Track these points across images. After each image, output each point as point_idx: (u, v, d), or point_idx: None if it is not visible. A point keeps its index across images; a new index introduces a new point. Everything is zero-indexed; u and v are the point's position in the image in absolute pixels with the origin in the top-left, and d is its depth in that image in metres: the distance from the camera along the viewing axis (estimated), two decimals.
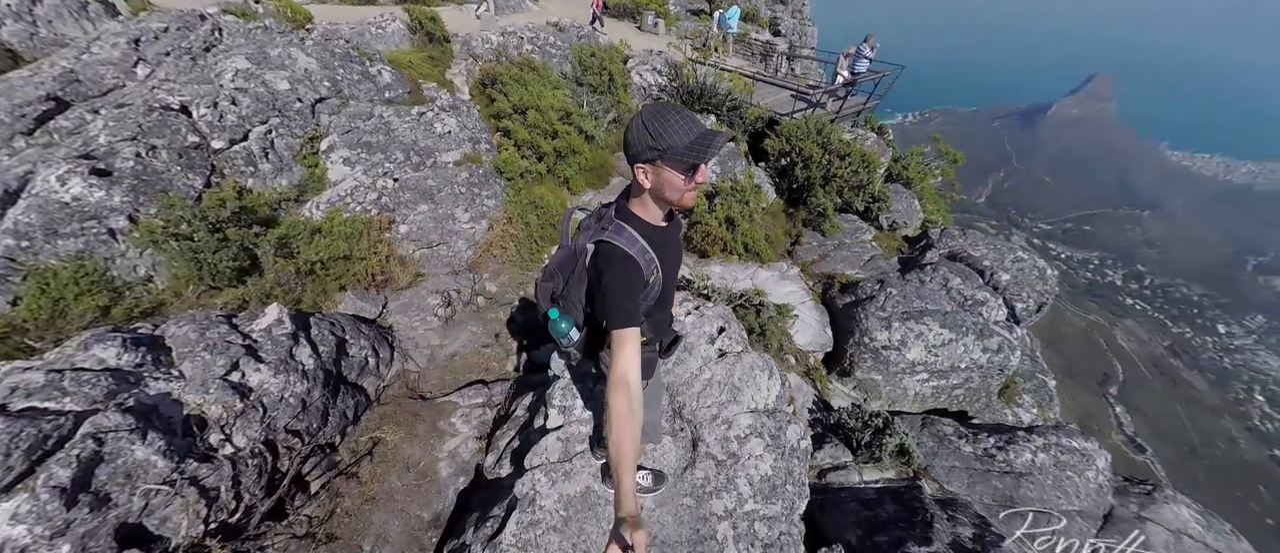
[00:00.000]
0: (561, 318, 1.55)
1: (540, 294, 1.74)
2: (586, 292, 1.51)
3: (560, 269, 1.61)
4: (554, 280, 1.65)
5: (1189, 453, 48.70)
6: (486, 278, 5.29)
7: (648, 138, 1.19)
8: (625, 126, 1.30)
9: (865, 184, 7.90)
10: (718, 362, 2.41)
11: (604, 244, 1.32)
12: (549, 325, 1.57)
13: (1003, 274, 6.89)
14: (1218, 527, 4.53)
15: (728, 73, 10.31)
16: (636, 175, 1.28)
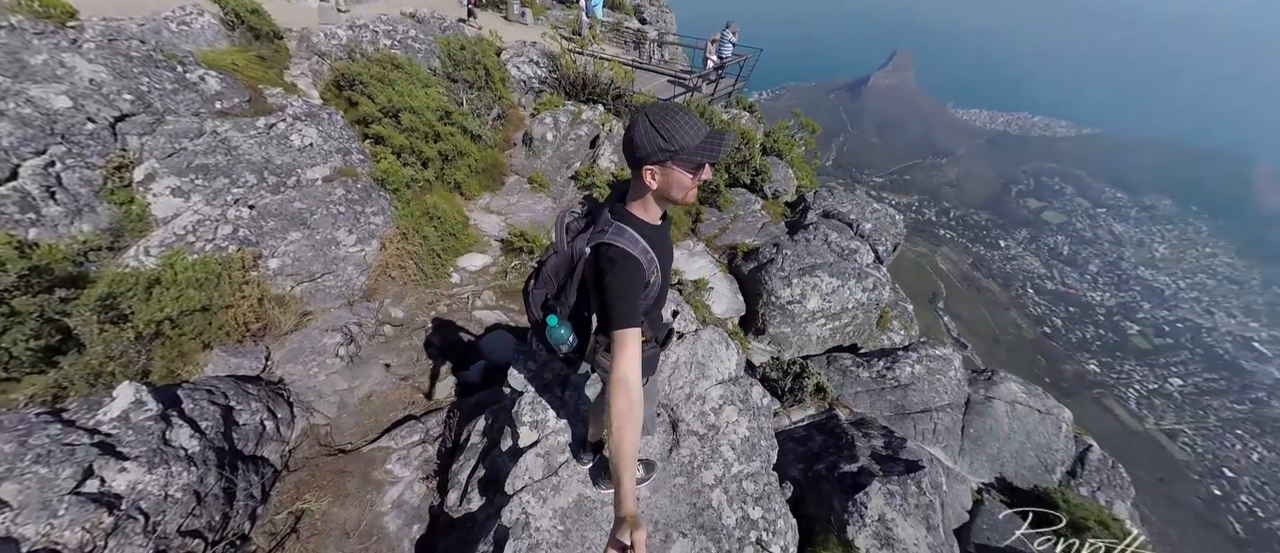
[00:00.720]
0: (560, 324, 1.51)
1: (531, 302, 1.66)
2: (581, 295, 1.48)
3: (555, 274, 1.55)
4: (547, 286, 1.59)
5: (993, 342, 62.62)
6: (389, 303, 4.75)
7: (659, 139, 1.19)
8: (627, 130, 1.27)
9: (748, 159, 8.62)
10: (679, 343, 2.50)
11: (605, 246, 1.30)
12: (547, 333, 1.53)
13: (866, 224, 8.07)
14: (1032, 391, 5.95)
15: (607, 61, 10.37)
16: (643, 177, 1.28)
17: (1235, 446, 54.96)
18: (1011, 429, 5.46)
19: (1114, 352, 65.39)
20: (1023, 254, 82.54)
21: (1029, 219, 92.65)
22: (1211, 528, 44.48)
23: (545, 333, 1.53)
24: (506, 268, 5.84)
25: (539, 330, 1.64)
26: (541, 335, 1.63)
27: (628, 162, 1.29)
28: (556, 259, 1.55)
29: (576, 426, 2.20)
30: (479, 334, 4.71)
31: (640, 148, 1.22)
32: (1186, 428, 56.42)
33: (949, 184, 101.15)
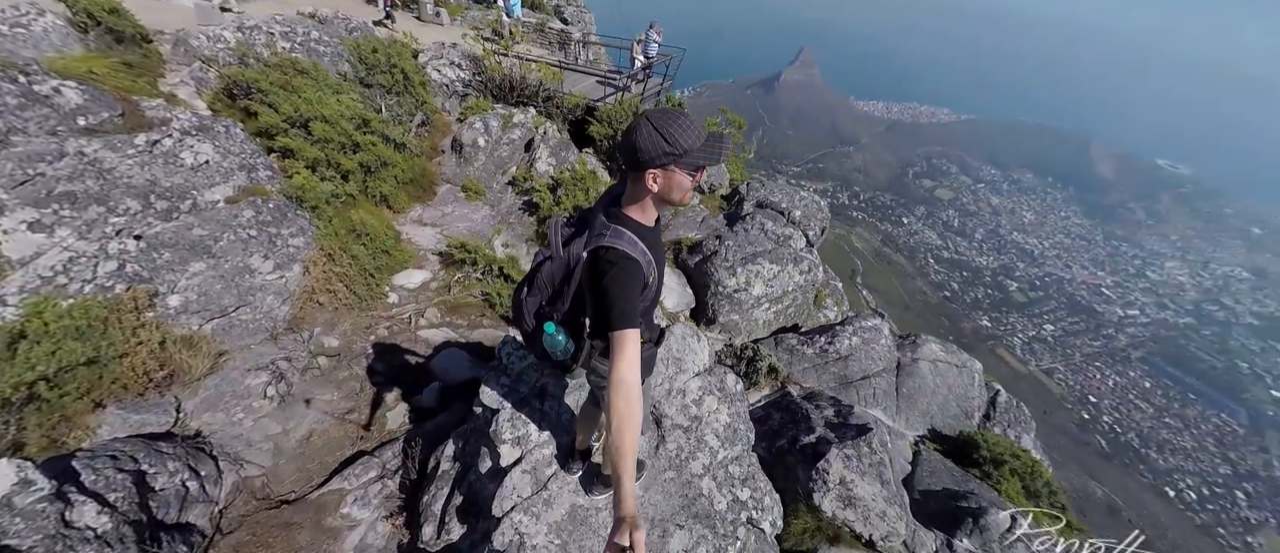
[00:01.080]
0: (558, 330, 1.47)
1: (523, 310, 1.60)
2: (576, 300, 1.46)
3: (550, 281, 1.51)
4: (540, 293, 1.54)
5: (905, 308, 69.30)
6: (321, 332, 4.33)
7: (663, 143, 1.21)
8: (628, 135, 1.26)
9: None
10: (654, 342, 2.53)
11: (604, 249, 1.30)
12: (544, 339, 1.49)
13: (796, 211, 8.61)
14: (949, 348, 6.68)
15: (534, 63, 10.14)
16: (645, 180, 1.28)
17: (1095, 376, 65.43)
18: (936, 385, 6.11)
19: (1000, 307, 75.12)
20: (922, 229, 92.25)
21: (925, 197, 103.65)
22: (1084, 447, 52.72)
23: (542, 340, 1.50)
24: (449, 282, 5.55)
25: (533, 339, 1.60)
26: (534, 343, 1.59)
27: (628, 165, 1.29)
28: (552, 265, 1.51)
29: (560, 436, 2.15)
30: (428, 355, 4.44)
31: (644, 152, 1.23)
32: (1059, 366, 66.28)
33: (857, 170, 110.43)
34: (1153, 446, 56.82)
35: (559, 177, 7.39)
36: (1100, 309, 78.13)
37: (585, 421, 2.02)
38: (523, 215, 7.26)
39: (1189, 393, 64.42)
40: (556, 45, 12.70)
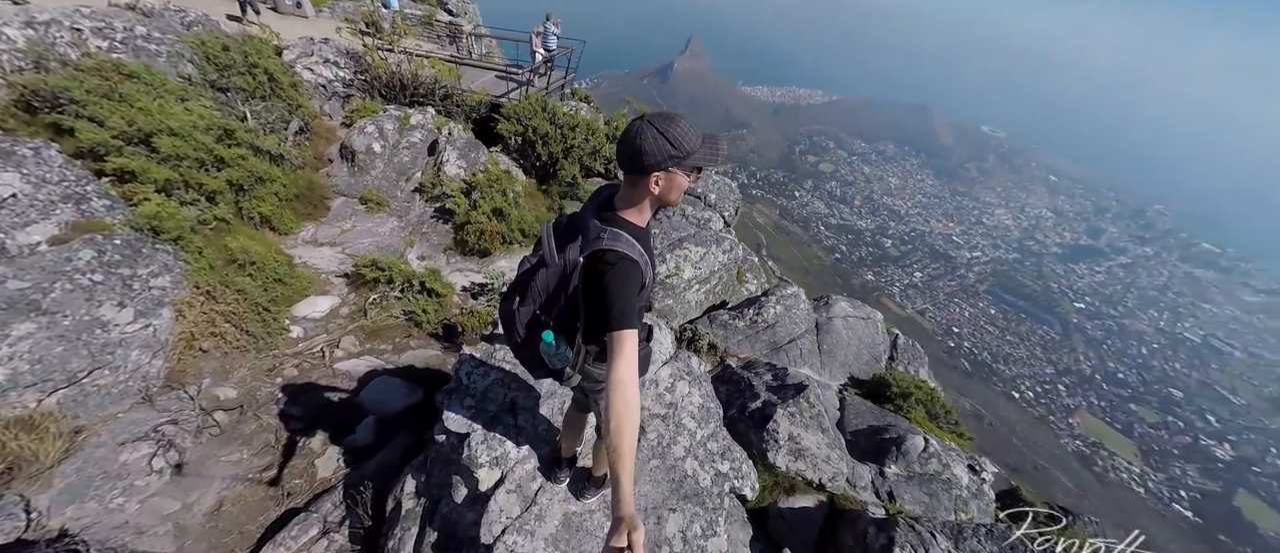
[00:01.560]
0: (557, 338, 1.42)
1: (515, 321, 1.51)
2: (571, 306, 1.41)
3: (545, 288, 1.44)
4: (534, 302, 1.46)
5: (805, 273, 76.18)
6: (212, 384, 3.70)
7: (668, 147, 1.21)
8: (629, 138, 1.24)
9: (598, 149, 8.81)
10: None
11: (604, 251, 1.28)
12: (542, 349, 1.44)
13: (711, 194, 9.03)
14: (855, 304, 7.52)
15: (426, 59, 9.36)
16: (647, 183, 1.28)
17: (955, 310, 77.78)
18: (849, 338, 6.86)
19: (880, 262, 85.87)
20: (811, 200, 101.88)
21: (811, 171, 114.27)
22: (953, 370, 62.73)
23: (539, 349, 1.45)
24: (363, 306, 5.01)
25: (526, 349, 1.54)
26: (527, 354, 1.53)
27: (629, 169, 1.28)
28: (546, 272, 1.45)
29: (541, 448, 2.08)
30: (352, 389, 4.00)
31: (650, 155, 1.23)
32: (929, 306, 77.72)
33: (752, 151, 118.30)
34: (1001, 360, 69.35)
35: (472, 179, 6.98)
36: (953, 255, 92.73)
37: (570, 427, 1.98)
38: (436, 224, 6.75)
39: (1021, 313, 79.27)
40: (447, 39, 11.84)
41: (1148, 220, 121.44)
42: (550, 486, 1.98)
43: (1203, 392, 70.93)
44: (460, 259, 6.45)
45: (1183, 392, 69.93)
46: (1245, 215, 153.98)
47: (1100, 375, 70.28)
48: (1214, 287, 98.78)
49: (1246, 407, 69.23)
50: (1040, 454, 52.68)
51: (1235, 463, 60.01)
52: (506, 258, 6.66)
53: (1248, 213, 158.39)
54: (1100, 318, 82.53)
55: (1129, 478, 55.47)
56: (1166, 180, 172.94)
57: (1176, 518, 51.59)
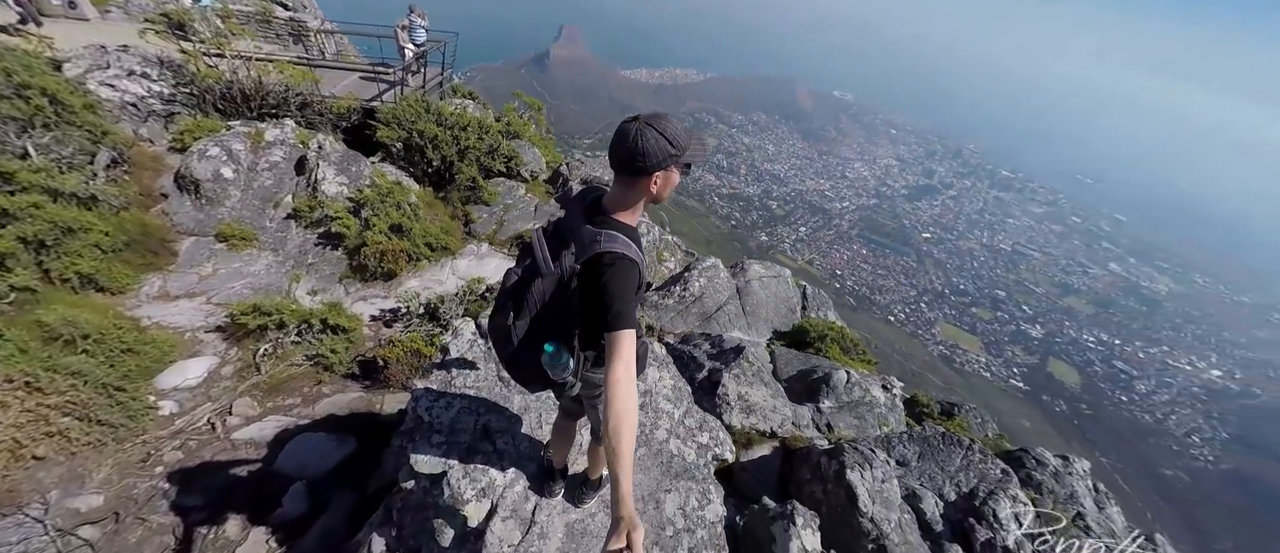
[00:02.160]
0: (558, 348, 1.37)
1: (510, 335, 1.43)
2: (569, 314, 1.36)
3: (542, 298, 1.37)
4: (528, 313, 1.39)
5: (707, 243, 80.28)
6: (63, 495, 2.94)
7: (669, 147, 1.22)
8: (627, 141, 1.21)
9: (496, 147, 8.37)
10: None
11: (602, 253, 1.26)
12: (545, 360, 1.38)
13: None
14: (766, 265, 8.16)
15: (269, 63, 8.01)
16: (646, 184, 1.27)
17: (835, 255, 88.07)
18: (766, 297, 7.45)
19: (770, 223, 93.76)
20: (702, 174, 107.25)
21: (710, 147, 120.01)
22: (842, 307, 71.27)
23: (541, 361, 1.39)
24: (253, 360, 4.29)
25: (522, 364, 1.46)
26: (523, 369, 1.47)
27: (628, 171, 1.26)
28: (543, 281, 1.38)
29: (528, 467, 1.97)
30: (263, 458, 3.43)
31: (653, 156, 1.22)
32: (816, 255, 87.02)
33: None
34: (876, 291, 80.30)
35: (358, 196, 6.23)
36: (827, 207, 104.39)
37: (559, 437, 1.92)
38: (324, 252, 5.94)
39: (885, 249, 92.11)
40: (290, 38, 10.23)
41: (964, 159, 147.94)
42: (546, 501, 1.91)
43: (1017, 288, 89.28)
44: (361, 286, 5.77)
45: (1004, 291, 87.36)
46: (1028, 146, 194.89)
47: (948, 289, 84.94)
48: (1014, 205, 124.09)
49: (1045, 294, 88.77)
50: (915, 363, 62.57)
51: (1045, 339, 76.85)
52: (416, 277, 6.11)
53: (1030, 144, 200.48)
54: (942, 243, 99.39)
55: (978, 367, 68.33)
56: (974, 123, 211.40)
57: (1014, 391, 64.89)
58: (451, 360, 2.34)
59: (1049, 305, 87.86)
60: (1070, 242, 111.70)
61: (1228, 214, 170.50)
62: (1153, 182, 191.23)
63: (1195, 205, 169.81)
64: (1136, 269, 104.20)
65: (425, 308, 5.32)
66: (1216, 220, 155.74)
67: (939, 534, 3.41)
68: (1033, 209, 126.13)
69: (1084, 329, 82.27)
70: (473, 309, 5.44)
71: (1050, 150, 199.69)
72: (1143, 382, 72.18)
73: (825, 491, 3.55)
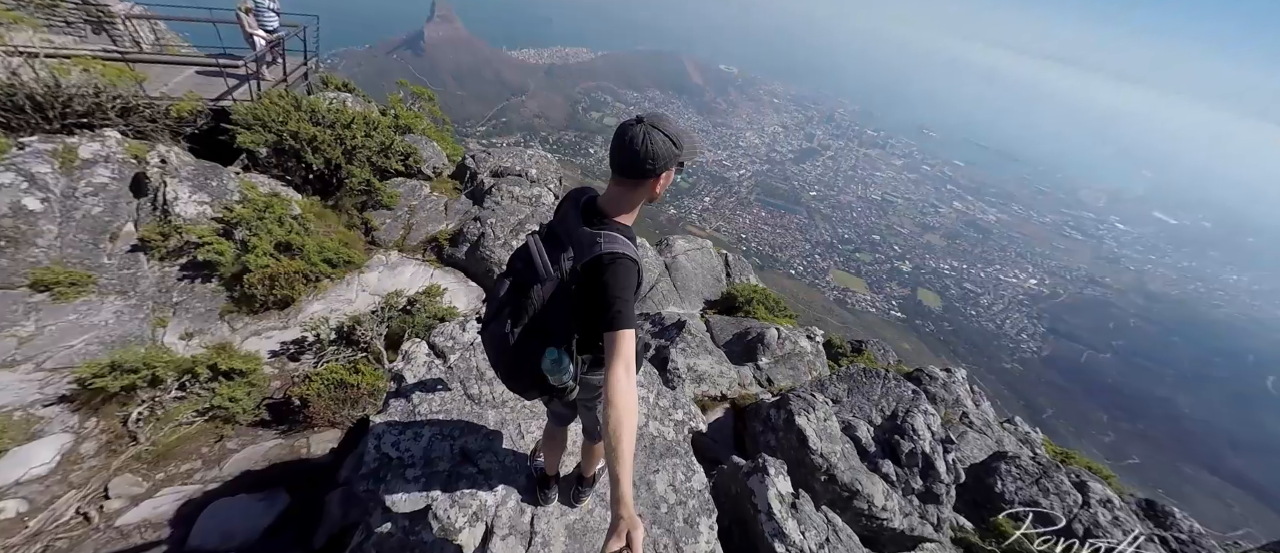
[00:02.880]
0: (561, 354, 1.34)
1: (507, 343, 1.38)
2: (569, 319, 1.35)
3: (544, 304, 1.34)
4: (525, 319, 1.35)
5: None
6: None
7: (673, 148, 1.24)
8: (633, 143, 1.21)
9: (388, 144, 7.59)
10: None
11: (605, 254, 1.25)
12: (546, 365, 1.34)
13: (531, 169, 8.78)
14: (688, 239, 8.49)
15: (67, 59, 6.34)
16: (653, 185, 1.29)
17: (739, 221, 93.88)
18: (693, 270, 7.78)
19: (677, 196, 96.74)
20: (606, 155, 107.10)
21: (598, 127, 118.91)
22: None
23: (542, 366, 1.35)
24: (125, 429, 3.55)
25: (520, 372, 1.42)
26: (521, 378, 1.43)
27: (635, 174, 1.26)
28: (542, 287, 1.34)
29: (517, 480, 1.90)
30: (168, 538, 2.91)
31: (661, 159, 1.24)
32: (722, 223, 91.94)
33: (536, 116, 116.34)
34: (777, 250, 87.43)
35: (228, 215, 5.31)
36: (726, 176, 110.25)
37: (551, 444, 1.87)
38: (192, 285, 5.01)
39: (780, 210, 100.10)
40: (87, 27, 8.16)
41: (837, 122, 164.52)
42: (543, 509, 1.87)
43: (888, 232, 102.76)
44: (251, 319, 4.99)
45: (879, 235, 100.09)
46: (885, 107, 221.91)
47: (835, 240, 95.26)
48: (880, 160, 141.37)
49: (909, 233, 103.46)
50: (816, 309, 69.67)
51: (913, 271, 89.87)
52: (319, 299, 5.42)
53: (885, 105, 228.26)
54: (826, 199, 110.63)
55: (866, 304, 78.12)
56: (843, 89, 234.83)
57: (895, 320, 75.30)
58: (409, 387, 2.15)
59: (913, 243, 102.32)
60: (924, 187, 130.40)
61: (1033, 153, 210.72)
62: (980, 132, 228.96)
63: (1010, 148, 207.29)
64: (973, 205, 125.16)
65: (338, 333, 4.77)
66: (1025, 159, 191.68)
67: (873, 454, 3.92)
68: (894, 162, 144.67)
69: (940, 259, 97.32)
70: (396, 326, 5.00)
71: (904, 110, 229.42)
72: (985, 296, 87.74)
73: (778, 438, 3.89)
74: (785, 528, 2.40)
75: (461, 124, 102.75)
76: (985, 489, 4.75)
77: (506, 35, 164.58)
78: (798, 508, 2.58)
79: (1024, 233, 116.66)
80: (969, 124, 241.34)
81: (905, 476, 3.77)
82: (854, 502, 3.49)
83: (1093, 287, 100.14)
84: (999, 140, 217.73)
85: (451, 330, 2.49)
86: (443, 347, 2.39)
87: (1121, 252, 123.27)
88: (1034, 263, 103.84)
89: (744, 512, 2.68)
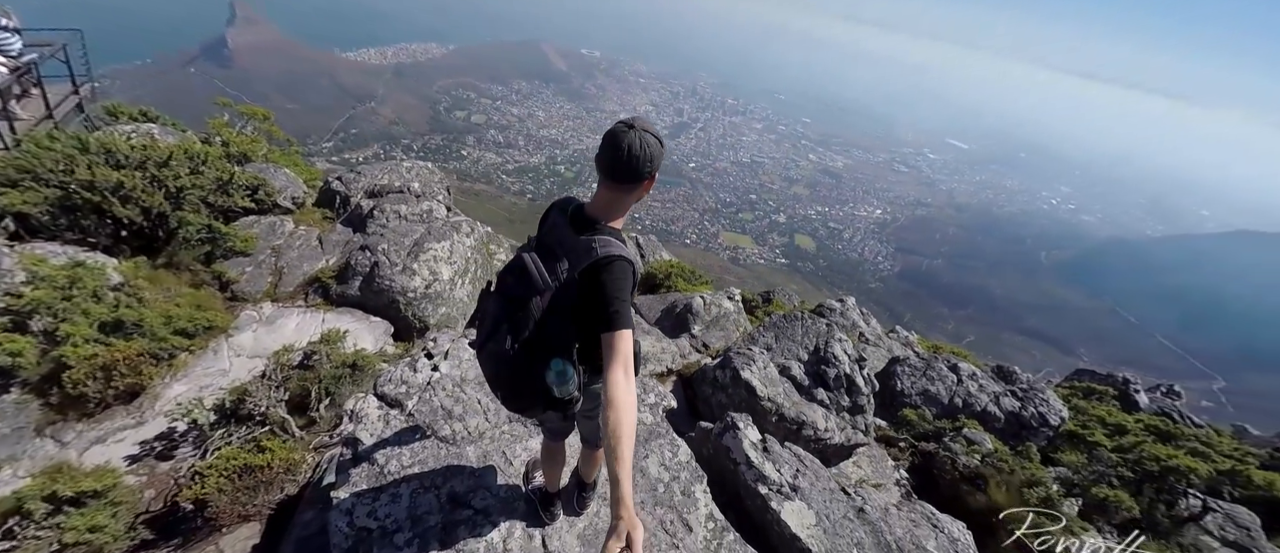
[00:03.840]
0: (565, 365, 1.32)
1: (509, 361, 1.34)
2: (567, 329, 1.34)
3: (541, 315, 1.32)
4: (523, 332, 1.32)
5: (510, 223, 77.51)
6: None
7: (660, 149, 1.28)
8: (628, 148, 1.23)
9: (228, 179, 6.38)
10: None
11: (602, 257, 1.26)
12: (551, 377, 1.31)
13: (413, 182, 8.05)
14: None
15: None
16: (644, 188, 1.33)
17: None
18: None
19: (564, 187, 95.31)
20: (481, 154, 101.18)
21: (466, 127, 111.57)
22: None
23: (547, 379, 1.31)
24: None
25: (524, 392, 1.38)
26: (523, 398, 1.40)
27: (629, 178, 1.28)
28: (540, 300, 1.31)
29: (517, 506, 1.79)
30: None
31: (653, 161, 1.28)
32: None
33: (393, 123, 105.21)
34: (670, 223, 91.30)
35: (18, 303, 4.07)
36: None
37: (550, 461, 1.80)
38: None
39: (667, 185, 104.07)
40: None
41: (700, 95, 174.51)
42: (552, 528, 1.82)
43: (763, 190, 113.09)
44: (87, 425, 3.95)
45: (755, 194, 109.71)
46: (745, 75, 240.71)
47: (719, 205, 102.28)
48: (743, 126, 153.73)
49: (779, 188, 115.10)
50: (715, 271, 74.69)
51: (787, 221, 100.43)
52: (181, 380, 4.47)
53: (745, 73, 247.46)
54: (704, 168, 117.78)
55: (755, 258, 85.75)
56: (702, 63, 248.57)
57: (780, 267, 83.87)
58: (368, 450, 1.91)
59: (783, 196, 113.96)
60: (784, 145, 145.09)
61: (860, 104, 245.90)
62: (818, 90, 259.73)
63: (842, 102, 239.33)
64: (825, 155, 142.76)
65: (222, 412, 4.00)
66: (855, 110, 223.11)
67: (807, 387, 4.41)
68: (755, 126, 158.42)
69: (807, 206, 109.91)
70: (296, 387, 4.32)
71: (756, 78, 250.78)
72: (846, 231, 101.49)
73: (728, 395, 4.19)
74: (764, 471, 2.65)
75: (303, 141, 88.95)
76: (889, 390, 5.63)
77: (335, 36, 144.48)
78: (768, 450, 2.85)
79: (865, 173, 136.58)
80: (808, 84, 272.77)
81: (836, 397, 4.32)
82: (802, 431, 3.92)
83: (921, 208, 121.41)
84: (833, 96, 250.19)
85: (400, 375, 2.25)
86: (395, 396, 2.16)
87: (934, 176, 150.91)
88: (876, 197, 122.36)
89: (723, 468, 2.89)
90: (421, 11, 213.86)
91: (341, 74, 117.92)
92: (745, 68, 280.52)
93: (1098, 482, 4.35)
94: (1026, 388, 5.70)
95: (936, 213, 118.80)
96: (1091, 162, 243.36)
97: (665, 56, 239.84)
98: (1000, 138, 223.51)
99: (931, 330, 67.87)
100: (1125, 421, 5.68)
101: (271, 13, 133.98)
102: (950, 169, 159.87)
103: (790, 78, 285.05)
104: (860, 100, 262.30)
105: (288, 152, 9.48)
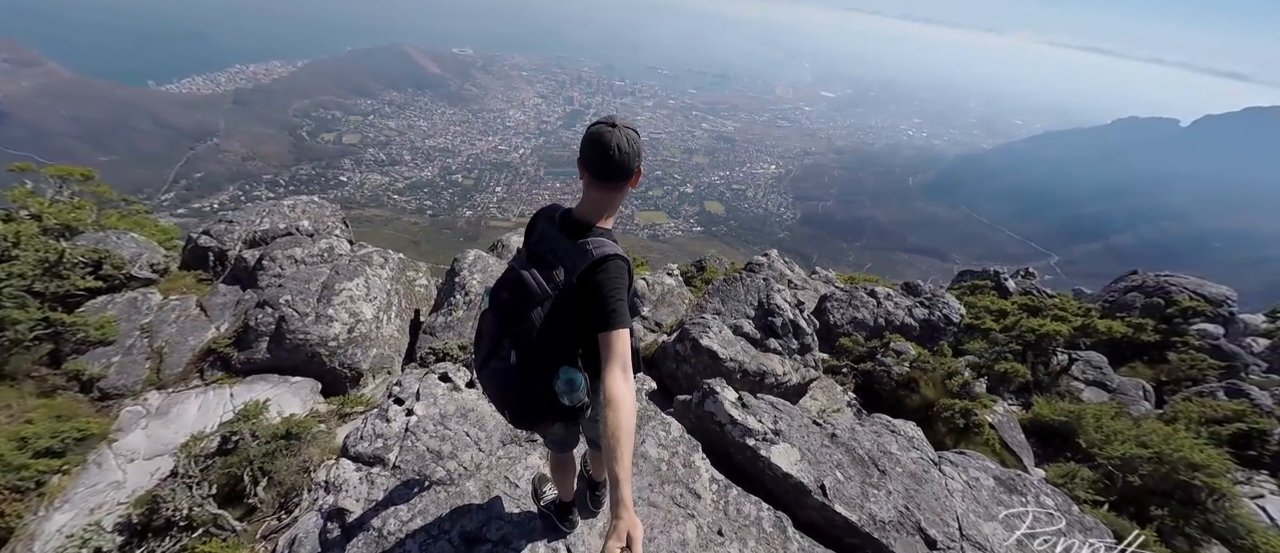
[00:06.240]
0: (573, 373, 1.31)
1: (516, 376, 1.32)
2: (570, 332, 1.33)
3: (543, 324, 1.30)
4: (526, 345, 1.30)
5: (415, 244, 72.14)
6: None
7: (640, 141, 1.29)
8: (613, 146, 1.22)
9: (56, 260, 5.23)
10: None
11: (599, 258, 1.27)
12: (560, 386, 1.31)
13: (303, 221, 7.19)
14: (517, 233, 8.30)
15: None
16: (634, 180, 1.33)
17: (537, 199, 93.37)
18: None
19: (466, 196, 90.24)
20: (365, 176, 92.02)
21: (340, 150, 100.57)
22: None
23: (556, 387, 1.30)
24: None
25: (532, 405, 1.35)
26: (531, 411, 1.36)
27: (619, 175, 1.28)
28: (542, 308, 1.30)
29: (534, 526, 1.73)
30: None
31: (639, 153, 1.29)
32: (524, 207, 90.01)
33: (247, 159, 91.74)
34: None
35: None
36: (508, 160, 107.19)
37: (560, 472, 1.77)
38: None
39: (569, 176, 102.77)
40: None
41: (586, 80, 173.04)
42: (574, 535, 1.82)
43: (666, 164, 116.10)
44: None
45: (660, 170, 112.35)
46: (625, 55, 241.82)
47: None
48: (635, 105, 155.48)
49: (681, 160, 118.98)
50: (638, 250, 75.78)
51: (695, 191, 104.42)
52: (61, 509, 3.67)
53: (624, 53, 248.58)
54: None
55: (672, 231, 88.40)
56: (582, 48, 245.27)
57: (697, 235, 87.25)
58: (358, 520, 1.74)
59: (686, 166, 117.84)
60: (677, 118, 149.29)
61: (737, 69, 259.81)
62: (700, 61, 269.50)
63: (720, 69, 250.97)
64: (716, 122, 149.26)
65: (130, 530, 3.38)
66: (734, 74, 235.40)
67: (759, 340, 4.73)
68: (646, 104, 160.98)
69: (710, 173, 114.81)
70: (220, 476, 3.75)
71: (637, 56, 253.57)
72: (749, 190, 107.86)
73: (692, 365, 4.38)
74: (749, 425, 2.84)
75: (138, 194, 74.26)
76: (825, 325, 6.21)
77: (145, 68, 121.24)
78: (747, 405, 3.05)
79: (754, 133, 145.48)
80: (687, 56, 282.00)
81: (786, 343, 4.70)
82: (765, 381, 4.23)
83: (808, 157, 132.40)
84: (712, 64, 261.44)
85: (371, 429, 2.06)
86: (372, 453, 1.97)
87: (813, 126, 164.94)
88: (768, 153, 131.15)
89: (709, 431, 3.04)
90: (251, 27, 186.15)
91: (165, 112, 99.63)
92: (623, 47, 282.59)
93: (997, 360, 5.24)
94: (931, 297, 6.62)
95: (821, 159, 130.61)
96: (929, 89, 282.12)
97: (541, 46, 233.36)
98: (856, 82, 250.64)
99: (838, 264, 75.33)
100: (1005, 306, 6.85)
101: (51, 51, 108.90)
102: (825, 117, 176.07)
103: (668, 52, 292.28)
104: (736, 65, 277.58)
105: (129, 213, 7.95)
